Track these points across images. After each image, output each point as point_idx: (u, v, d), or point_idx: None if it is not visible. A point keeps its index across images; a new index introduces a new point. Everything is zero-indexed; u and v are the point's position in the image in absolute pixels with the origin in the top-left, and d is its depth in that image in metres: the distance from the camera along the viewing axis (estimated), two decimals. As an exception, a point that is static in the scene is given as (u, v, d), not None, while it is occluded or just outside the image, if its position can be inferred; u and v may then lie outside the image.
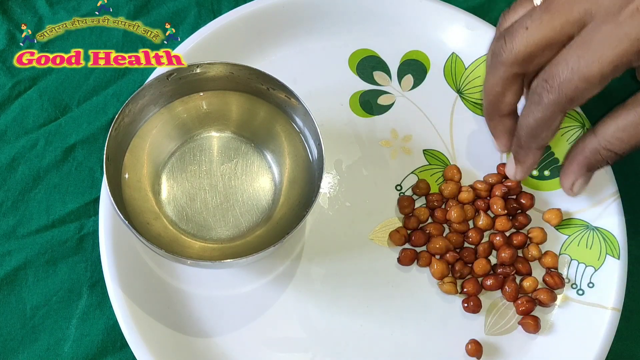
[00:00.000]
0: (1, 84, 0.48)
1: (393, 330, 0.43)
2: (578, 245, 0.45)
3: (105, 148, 0.40)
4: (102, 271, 0.42)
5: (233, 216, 0.44)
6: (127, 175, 0.43)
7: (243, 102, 0.45)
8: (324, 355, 0.43)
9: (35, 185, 0.46)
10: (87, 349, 0.43)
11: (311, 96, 0.46)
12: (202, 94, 0.45)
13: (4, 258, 0.44)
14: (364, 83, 0.49)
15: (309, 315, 0.44)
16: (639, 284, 0.45)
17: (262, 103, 0.45)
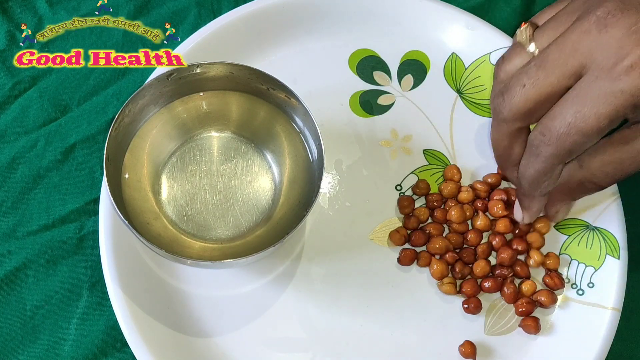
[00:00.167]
0: (1, 84, 0.48)
1: (393, 330, 0.43)
2: (578, 245, 0.45)
3: (105, 148, 0.40)
4: (102, 271, 0.42)
5: (233, 216, 0.44)
6: (127, 175, 0.43)
7: (243, 102, 0.45)
8: (324, 355, 0.43)
9: (35, 185, 0.46)
10: (87, 349, 0.43)
11: (311, 96, 0.46)
12: (202, 94, 0.45)
13: (4, 258, 0.44)
14: (364, 83, 0.49)
15: (309, 315, 0.43)
16: (639, 284, 0.45)
17: (262, 103, 0.45)
